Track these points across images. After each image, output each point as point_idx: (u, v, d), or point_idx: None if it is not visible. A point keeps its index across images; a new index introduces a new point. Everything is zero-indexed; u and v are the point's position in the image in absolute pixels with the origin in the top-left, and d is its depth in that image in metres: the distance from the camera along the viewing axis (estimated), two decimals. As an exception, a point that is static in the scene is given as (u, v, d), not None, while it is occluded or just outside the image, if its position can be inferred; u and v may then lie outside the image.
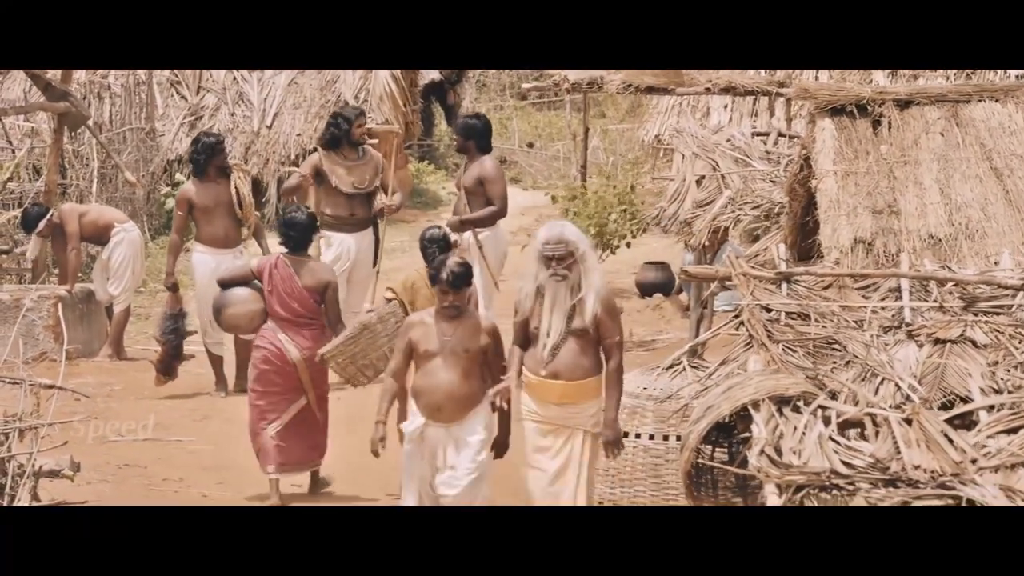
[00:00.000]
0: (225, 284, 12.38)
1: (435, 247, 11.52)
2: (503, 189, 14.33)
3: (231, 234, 14.64)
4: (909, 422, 6.74)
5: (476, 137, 14.26)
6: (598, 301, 9.33)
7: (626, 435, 11.15)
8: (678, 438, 10.61)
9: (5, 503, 11.22)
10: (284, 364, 11.80)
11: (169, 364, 14.62)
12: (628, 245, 17.01)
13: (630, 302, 18.69)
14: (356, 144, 14.59)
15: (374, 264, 14.65)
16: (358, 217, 14.60)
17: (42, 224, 16.16)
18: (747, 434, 6.81)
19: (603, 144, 29.29)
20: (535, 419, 9.52)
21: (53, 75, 18.46)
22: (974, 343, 8.49)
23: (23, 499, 11.26)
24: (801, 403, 6.92)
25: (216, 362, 14.90)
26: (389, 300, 11.74)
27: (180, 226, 14.72)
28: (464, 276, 9.67)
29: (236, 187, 14.51)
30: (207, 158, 14.51)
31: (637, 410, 11.12)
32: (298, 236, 12.01)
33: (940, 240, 10.75)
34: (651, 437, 11.07)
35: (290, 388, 11.83)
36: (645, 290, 18.84)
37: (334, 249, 14.61)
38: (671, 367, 11.06)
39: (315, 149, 15.16)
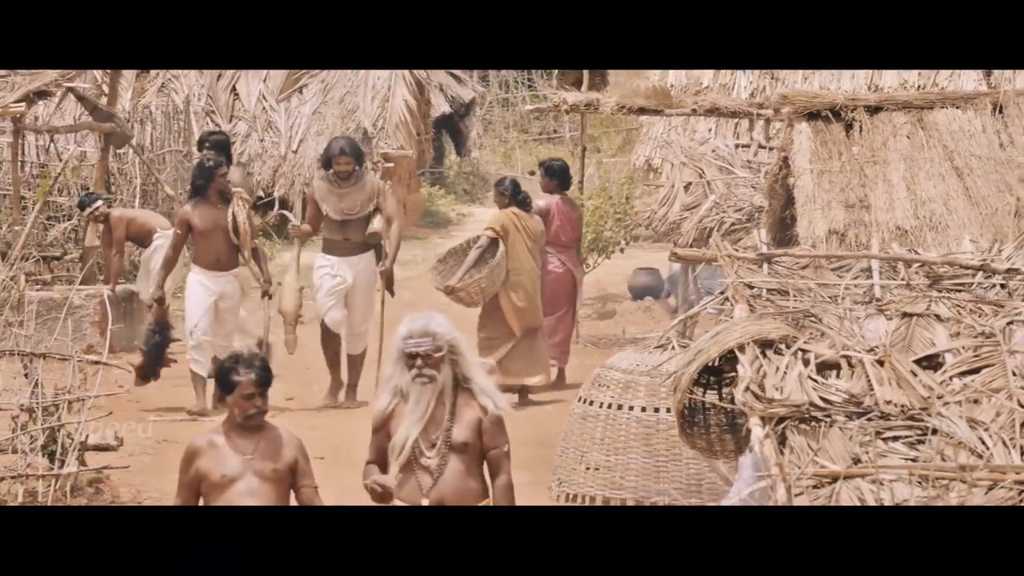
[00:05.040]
0: None
1: (524, 195, 14.14)
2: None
3: (223, 258, 13.68)
4: (881, 363, 6.75)
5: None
6: (496, 407, 7.33)
7: (620, 407, 11.24)
8: (668, 410, 10.65)
9: (56, 469, 11.27)
10: (566, 276, 14.90)
11: (150, 370, 14.03)
12: (622, 251, 17.04)
13: (623, 304, 18.76)
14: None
15: (389, 287, 14.04)
16: (352, 242, 13.73)
17: (98, 203, 16.06)
18: (733, 373, 6.83)
19: (598, 173, 29.34)
20: None
21: (100, 99, 18.57)
22: (938, 316, 8.46)
23: (71, 465, 11.30)
24: (783, 346, 6.93)
25: (197, 380, 13.94)
26: (492, 238, 13.91)
27: (175, 244, 13.87)
28: (269, 372, 7.22)
29: (233, 213, 13.55)
30: (206, 183, 13.63)
31: (630, 384, 11.20)
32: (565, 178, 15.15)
33: (906, 231, 10.77)
34: (643, 409, 11.15)
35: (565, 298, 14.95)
36: (636, 293, 18.90)
37: (326, 270, 13.90)
38: (660, 345, 11.10)
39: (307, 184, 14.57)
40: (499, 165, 31.58)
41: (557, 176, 15.25)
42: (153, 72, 24.14)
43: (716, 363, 7.07)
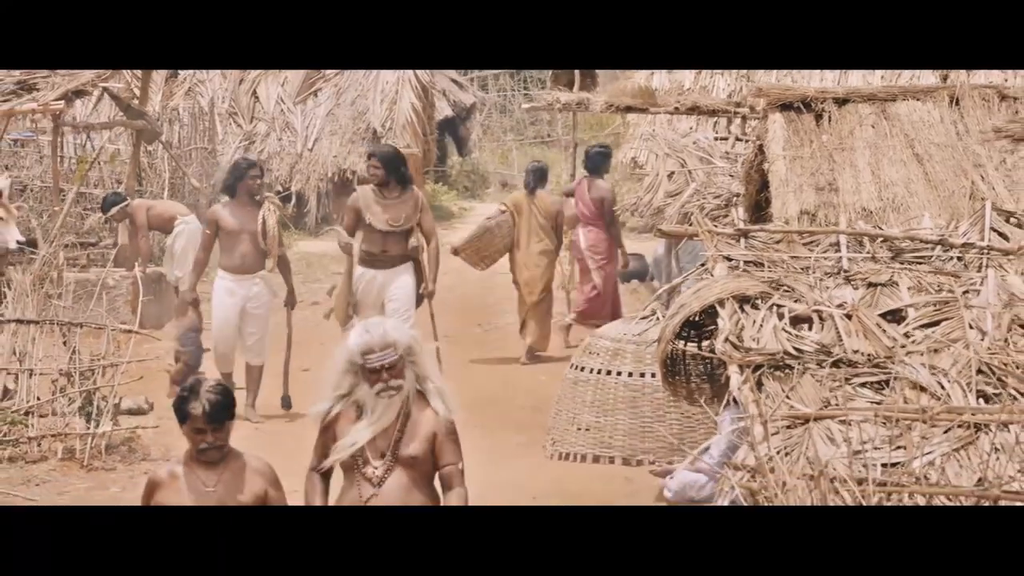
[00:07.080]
0: None
1: (529, 181, 14.87)
2: None
3: (248, 261, 12.50)
4: (849, 317, 6.77)
5: None
6: (448, 411, 6.33)
7: (609, 373, 11.27)
8: (653, 375, 10.66)
9: (91, 429, 11.29)
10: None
11: (187, 377, 13.35)
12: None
13: (611, 288, 18.74)
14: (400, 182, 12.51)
15: (419, 302, 12.71)
16: (390, 254, 12.43)
17: (115, 209, 16.19)
18: (713, 327, 6.83)
19: (588, 171, 29.34)
20: None
21: (132, 100, 18.58)
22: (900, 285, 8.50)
23: (106, 425, 11.33)
24: (759, 301, 6.93)
25: (227, 381, 12.66)
26: (502, 211, 14.80)
27: (205, 244, 12.71)
28: (225, 407, 6.04)
29: (263, 217, 12.41)
30: (235, 179, 12.50)
31: (619, 352, 11.24)
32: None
33: (871, 212, 10.73)
34: (630, 374, 11.18)
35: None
36: (624, 276, 18.82)
37: (358, 280, 12.63)
38: (646, 316, 11.13)
39: (354, 189, 13.36)
40: (497, 165, 31.71)
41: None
42: (181, 76, 24.17)
43: (697, 318, 7.08)
